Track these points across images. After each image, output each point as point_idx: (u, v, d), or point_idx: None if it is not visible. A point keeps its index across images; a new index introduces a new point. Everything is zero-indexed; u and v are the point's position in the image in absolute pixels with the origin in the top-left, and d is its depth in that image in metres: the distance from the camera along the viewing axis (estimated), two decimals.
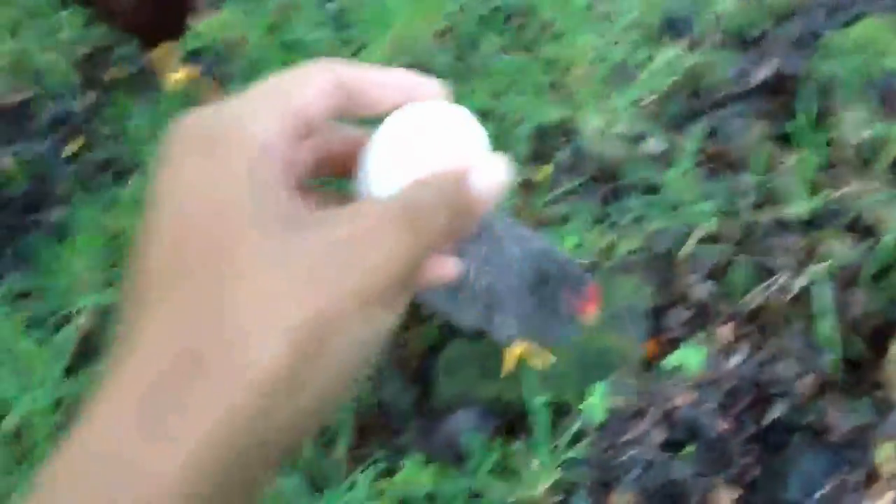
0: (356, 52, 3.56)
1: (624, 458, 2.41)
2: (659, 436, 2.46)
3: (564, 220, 2.96)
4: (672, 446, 2.45)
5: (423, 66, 3.55)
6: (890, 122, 2.88)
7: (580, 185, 3.07)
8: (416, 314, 2.87)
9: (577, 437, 2.45)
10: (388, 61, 3.21)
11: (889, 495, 2.24)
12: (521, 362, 2.53)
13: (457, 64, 3.50)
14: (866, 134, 2.85)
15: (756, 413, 2.50)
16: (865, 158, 2.84)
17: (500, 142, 3.16)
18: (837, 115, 2.93)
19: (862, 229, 2.69)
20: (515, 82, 3.34)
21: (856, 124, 2.87)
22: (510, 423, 2.55)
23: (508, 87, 3.34)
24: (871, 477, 2.28)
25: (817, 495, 2.25)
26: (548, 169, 3.11)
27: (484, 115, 3.26)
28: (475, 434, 2.48)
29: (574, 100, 3.27)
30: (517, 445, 2.46)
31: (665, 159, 3.07)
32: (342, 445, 2.64)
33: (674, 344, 2.65)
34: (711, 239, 2.84)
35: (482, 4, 3.65)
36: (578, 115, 3.22)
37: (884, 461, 2.28)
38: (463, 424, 2.53)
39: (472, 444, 2.46)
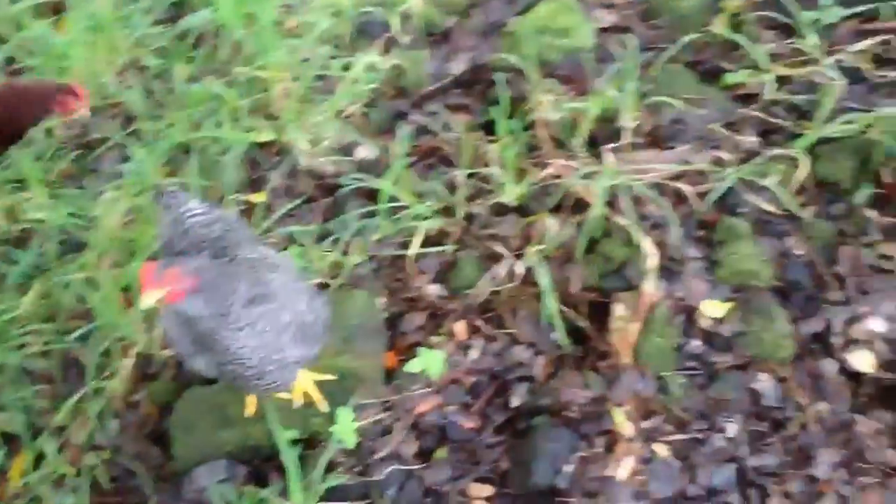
0: None
1: (381, 476, 2.39)
2: (411, 446, 2.46)
3: (287, 242, 2.89)
4: (425, 454, 2.45)
5: (112, 105, 3.37)
6: (579, 100, 2.99)
7: (299, 204, 2.99)
8: (145, 371, 2.72)
9: (331, 466, 2.39)
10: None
11: (629, 458, 2.33)
12: (261, 403, 2.43)
13: (147, 99, 3.33)
14: (559, 114, 2.94)
15: (500, 404, 2.57)
16: (562, 137, 2.94)
17: (207, 174, 3.05)
18: (531, 100, 3.01)
19: (570, 206, 2.78)
20: (214, 110, 3.23)
21: (548, 106, 2.96)
22: (259, 467, 2.46)
23: (207, 115, 3.22)
24: (611, 444, 2.37)
25: (563, 474, 2.32)
26: (262, 194, 3.02)
27: (185, 150, 3.13)
28: (224, 487, 2.36)
29: (278, 120, 3.20)
30: (271, 488, 2.36)
31: (379, 165, 3.07)
32: None
33: (415, 349, 2.64)
34: (436, 238, 2.85)
35: (164, 32, 3.49)
36: (285, 135, 3.15)
37: (620, 426, 2.38)
38: (208, 479, 2.42)
39: (221, 498, 2.34)
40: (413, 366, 2.58)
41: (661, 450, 2.40)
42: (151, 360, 2.75)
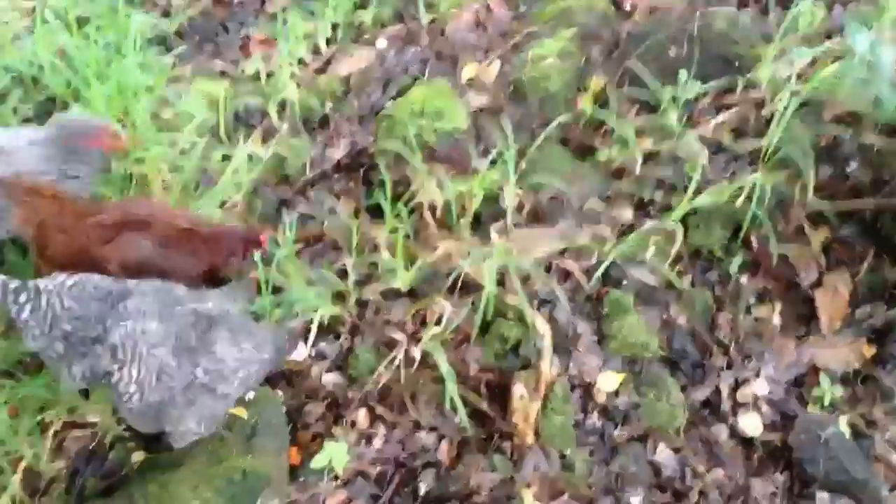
0: None
1: None
2: None
3: None
4: None
5: None
6: (461, 181, 3.00)
7: None
8: (32, 484, 2.55)
9: None
10: None
11: None
12: None
13: None
14: (443, 197, 2.95)
15: (408, 493, 2.52)
16: (448, 220, 2.94)
17: None
18: (415, 182, 3.02)
19: (461, 288, 2.78)
20: None
21: (431, 189, 2.97)
22: None
23: None
24: None
25: None
26: None
27: None
28: None
29: None
30: None
31: (265, 255, 2.98)
32: None
33: (317, 442, 2.58)
34: (329, 326, 2.80)
35: None
36: None
37: None
38: None
39: None
40: (318, 461, 2.50)
41: None
42: (41, 475, 2.59)
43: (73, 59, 3.31)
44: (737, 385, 2.64)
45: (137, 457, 2.55)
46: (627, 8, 3.85)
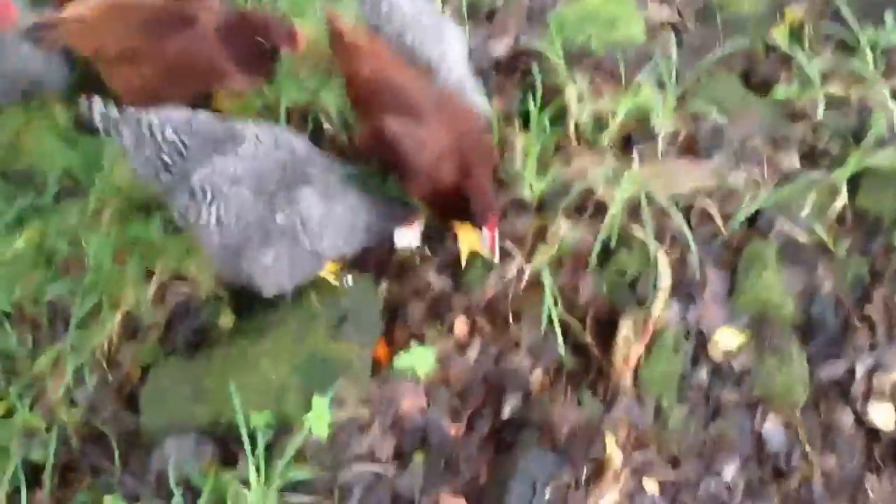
0: None
1: (349, 475, 2.22)
2: (387, 447, 2.29)
3: None
4: (401, 456, 2.27)
5: None
6: (614, 96, 2.77)
7: None
8: (132, 330, 2.58)
9: (299, 457, 2.22)
10: None
11: (614, 489, 2.14)
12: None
13: None
14: (590, 109, 2.73)
15: (489, 413, 2.37)
16: (591, 134, 2.72)
17: None
18: (565, 92, 2.80)
19: (590, 208, 2.57)
20: None
21: (581, 101, 2.74)
22: (229, 446, 2.30)
23: None
24: (598, 473, 2.18)
25: (541, 498, 2.12)
26: None
27: None
28: (188, 464, 2.22)
29: None
30: (234, 471, 2.20)
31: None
32: (46, 489, 2.34)
33: (410, 341, 2.46)
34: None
35: None
36: None
37: (610, 455, 2.19)
38: (176, 454, 2.28)
39: (180, 473, 2.20)
40: (401, 361, 2.40)
41: (650, 486, 2.21)
42: (139, 321, 2.61)
43: None
44: (875, 369, 2.33)
45: (226, 321, 2.53)
46: None
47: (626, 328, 2.37)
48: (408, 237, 2.63)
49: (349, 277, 2.53)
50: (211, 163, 2.28)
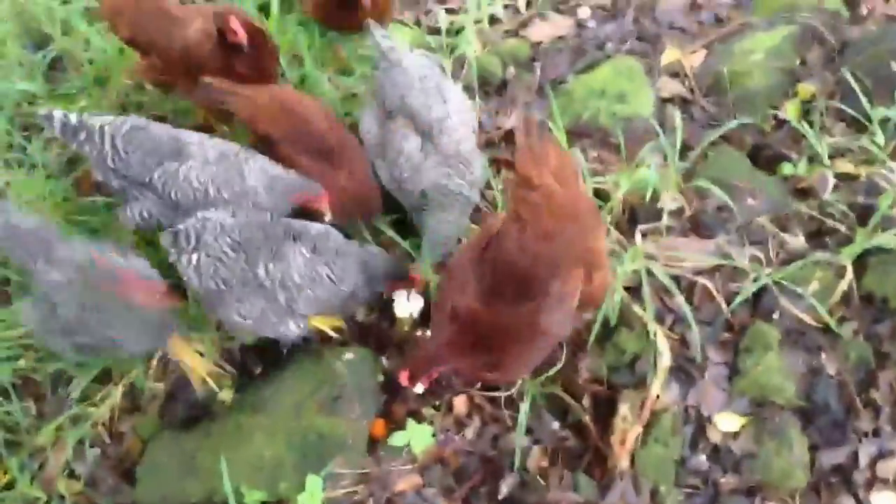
0: None
1: None
2: None
3: None
4: None
5: None
6: (618, 172, 2.80)
7: None
8: (134, 402, 2.61)
9: None
10: None
11: None
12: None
13: None
14: (593, 186, 2.75)
15: (486, 493, 2.35)
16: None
17: None
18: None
19: None
20: None
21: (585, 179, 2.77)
22: None
23: None
24: None
25: None
26: None
27: None
28: None
29: None
30: None
31: None
32: None
33: (409, 416, 2.47)
34: None
35: None
36: None
37: None
38: None
39: None
40: (397, 438, 2.40)
41: None
42: (141, 393, 2.64)
43: None
44: (879, 456, 2.29)
45: (225, 395, 2.55)
46: (864, 11, 3.44)
47: (624, 409, 2.36)
48: (407, 306, 2.65)
49: (348, 354, 2.55)
50: (202, 213, 2.43)
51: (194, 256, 2.35)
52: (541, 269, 1.99)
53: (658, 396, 2.35)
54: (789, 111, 3.06)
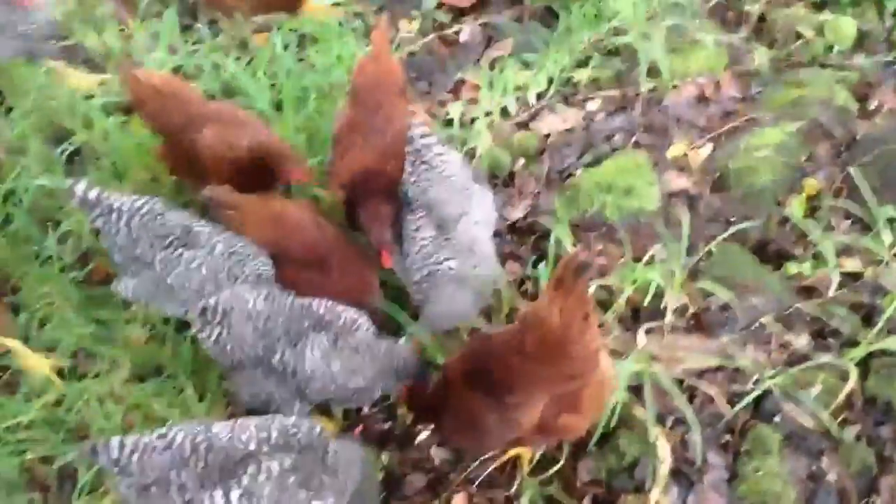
0: None
1: None
2: None
3: None
4: None
5: None
6: (622, 269, 2.83)
7: None
8: None
9: None
10: None
11: None
12: None
13: None
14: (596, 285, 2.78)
15: None
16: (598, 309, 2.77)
17: None
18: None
19: None
20: None
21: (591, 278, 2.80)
22: None
23: None
24: None
25: None
26: None
27: None
28: None
29: None
30: None
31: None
32: None
33: None
34: None
35: None
36: None
37: None
38: None
39: None
40: None
41: None
42: None
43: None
44: None
45: None
46: (873, 106, 3.49)
47: None
48: None
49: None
50: (236, 287, 2.57)
51: (216, 331, 2.45)
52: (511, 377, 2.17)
53: (658, 502, 2.35)
54: (795, 208, 3.08)
